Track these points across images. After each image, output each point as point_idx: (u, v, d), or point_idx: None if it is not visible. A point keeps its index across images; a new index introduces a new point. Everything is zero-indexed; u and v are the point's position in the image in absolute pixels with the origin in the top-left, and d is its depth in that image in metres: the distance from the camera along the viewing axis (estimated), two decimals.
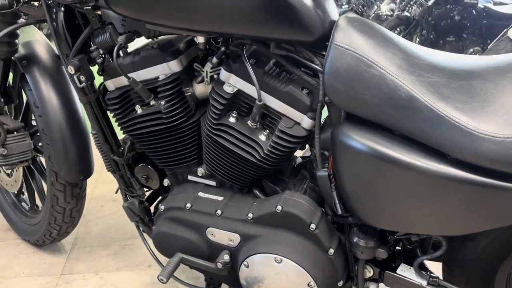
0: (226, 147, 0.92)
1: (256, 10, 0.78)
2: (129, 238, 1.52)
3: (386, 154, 0.75)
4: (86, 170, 1.21)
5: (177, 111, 0.95)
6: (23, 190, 1.49)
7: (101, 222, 1.62)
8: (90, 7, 0.94)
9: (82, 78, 1.00)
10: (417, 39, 5.06)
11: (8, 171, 1.38)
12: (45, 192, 1.35)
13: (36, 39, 1.20)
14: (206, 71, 0.94)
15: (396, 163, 0.74)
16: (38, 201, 1.48)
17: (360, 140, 0.78)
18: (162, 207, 1.03)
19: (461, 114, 0.69)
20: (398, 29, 4.68)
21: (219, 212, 0.96)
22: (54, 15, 1.00)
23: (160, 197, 1.19)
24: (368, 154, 0.77)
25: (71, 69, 0.99)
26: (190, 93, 0.97)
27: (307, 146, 0.99)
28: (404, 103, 0.73)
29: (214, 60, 0.92)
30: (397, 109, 0.74)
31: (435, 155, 0.72)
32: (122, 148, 1.11)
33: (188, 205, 0.98)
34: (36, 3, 1.08)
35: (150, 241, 1.11)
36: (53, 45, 1.18)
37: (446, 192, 0.72)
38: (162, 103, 0.95)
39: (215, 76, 0.94)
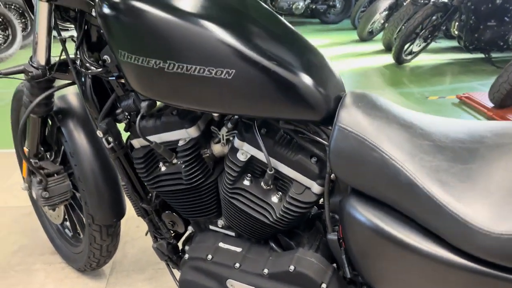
0: (242, 208, 0.98)
1: (261, 94, 0.83)
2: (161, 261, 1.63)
3: (388, 233, 0.79)
4: (119, 213, 1.32)
5: (196, 173, 1.02)
6: (66, 217, 1.62)
7: (137, 244, 1.74)
8: (114, 78, 1.01)
9: (110, 139, 1.09)
10: (456, 24, 4.87)
11: None
12: (83, 220, 1.47)
13: (70, 92, 1.30)
14: (222, 135, 1.00)
15: (397, 243, 0.78)
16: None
17: (365, 214, 0.82)
18: (186, 256, 1.11)
19: (459, 204, 0.72)
20: (435, 16, 4.52)
21: (237, 265, 1.03)
22: (83, 80, 1.08)
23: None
24: (371, 229, 0.81)
25: (99, 133, 1.07)
26: (208, 154, 1.03)
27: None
28: (404, 188, 0.76)
29: (229, 125, 0.98)
30: (398, 193, 0.77)
31: (435, 238, 0.75)
32: (150, 195, 1.20)
33: (209, 256, 1.06)
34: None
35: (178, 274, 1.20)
36: None
37: (444, 275, 0.75)
38: (182, 166, 1.02)
39: (231, 138, 0.99)
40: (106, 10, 0.86)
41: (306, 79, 0.83)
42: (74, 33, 1.08)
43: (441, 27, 4.63)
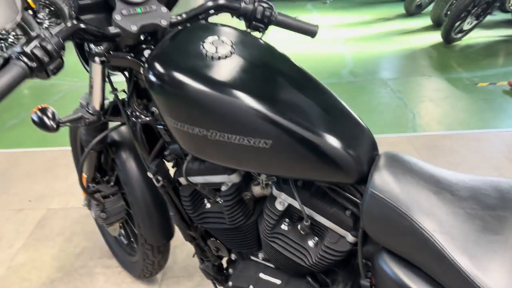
0: (280, 251, 1.06)
1: (295, 160, 0.88)
2: None
3: None
4: (169, 235, 1.43)
5: (238, 216, 1.10)
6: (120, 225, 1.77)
7: (185, 249, 1.87)
8: (162, 126, 1.10)
9: (159, 178, 1.18)
10: None
11: None
12: (137, 234, 1.60)
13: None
14: (262, 179, 1.07)
15: None
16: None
17: (395, 271, 0.87)
18: (230, 283, 1.21)
19: (487, 279, 0.75)
20: None
21: None
22: (134, 123, 1.18)
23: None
24: (401, 287, 0.86)
25: (149, 174, 1.17)
26: (248, 196, 1.11)
27: None
28: (432, 258, 0.80)
29: None
30: (427, 260, 0.81)
31: None
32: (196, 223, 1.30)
33: (251, 287, 1.15)
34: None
35: None
36: None
37: None
38: (225, 209, 1.10)
39: (270, 183, 1.06)
40: (152, 78, 0.93)
41: (338, 144, 0.87)
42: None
43: (495, 4, 4.36)
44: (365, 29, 5.43)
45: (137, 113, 1.11)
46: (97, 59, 1.04)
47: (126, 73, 1.14)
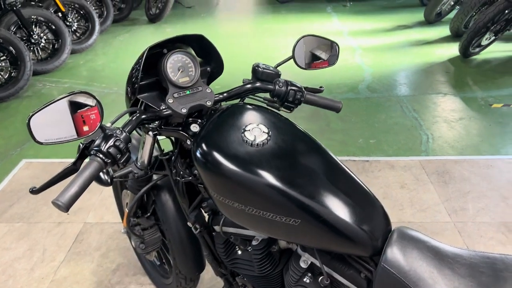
0: None
1: (319, 235, 1.04)
2: None
3: None
4: (200, 267, 1.62)
5: (266, 266, 1.27)
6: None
7: (210, 270, 2.03)
8: (202, 186, 1.26)
9: (197, 226, 1.36)
10: None
11: None
12: (171, 262, 1.79)
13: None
14: None
15: None
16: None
17: None
18: None
19: None
20: (507, 10, 4.28)
21: None
22: (176, 178, 1.35)
23: None
24: None
25: (189, 223, 1.35)
26: (276, 249, 1.28)
27: None
28: None
29: None
30: None
31: None
32: None
33: None
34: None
35: None
36: None
37: None
38: (254, 260, 1.27)
39: None
40: (199, 156, 1.10)
41: (356, 225, 1.03)
42: None
43: None
44: (384, 38, 5.50)
45: (181, 173, 1.28)
46: (150, 133, 1.21)
47: (173, 138, 1.30)
